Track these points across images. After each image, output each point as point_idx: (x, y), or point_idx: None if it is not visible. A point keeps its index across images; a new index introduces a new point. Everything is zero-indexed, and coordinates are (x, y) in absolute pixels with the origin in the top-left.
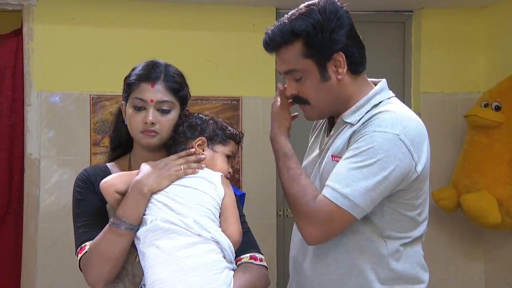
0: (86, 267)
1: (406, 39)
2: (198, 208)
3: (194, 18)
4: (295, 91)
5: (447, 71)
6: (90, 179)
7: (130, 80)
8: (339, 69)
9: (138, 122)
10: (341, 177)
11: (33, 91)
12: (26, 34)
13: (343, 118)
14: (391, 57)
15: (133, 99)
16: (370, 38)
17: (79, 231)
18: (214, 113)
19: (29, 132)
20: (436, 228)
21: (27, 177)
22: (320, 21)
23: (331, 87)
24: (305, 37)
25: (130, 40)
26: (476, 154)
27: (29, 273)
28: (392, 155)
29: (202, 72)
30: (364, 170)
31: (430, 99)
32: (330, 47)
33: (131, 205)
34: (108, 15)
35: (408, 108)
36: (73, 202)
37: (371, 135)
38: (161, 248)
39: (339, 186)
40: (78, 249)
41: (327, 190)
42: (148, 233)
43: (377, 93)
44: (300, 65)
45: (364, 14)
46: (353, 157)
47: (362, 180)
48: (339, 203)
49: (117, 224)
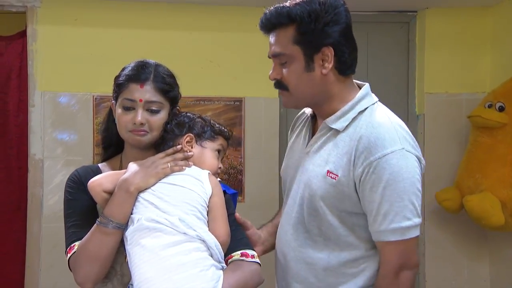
0: (75, 266)
1: (410, 39)
2: (184, 206)
3: (197, 19)
4: (278, 76)
5: (452, 71)
6: (81, 179)
7: (120, 80)
8: (325, 63)
9: (127, 121)
10: (390, 215)
11: (37, 92)
12: (30, 36)
13: (328, 123)
14: (395, 57)
15: (122, 100)
16: (374, 38)
17: (69, 231)
18: (216, 113)
19: (32, 132)
20: (440, 229)
21: (31, 177)
22: (317, 10)
23: (313, 80)
24: (298, 23)
25: (133, 41)
26: (480, 155)
27: (33, 273)
28: (412, 168)
29: (204, 73)
30: (403, 196)
31: (435, 100)
32: (321, 39)
33: (118, 204)
34: (111, 16)
35: (391, 112)
36: (64, 202)
37: (385, 160)
38: (146, 247)
39: (395, 225)
40: (67, 249)
41: (387, 234)
42: (135, 232)
43: (362, 98)
44: (288, 50)
45: (368, 15)
46: (384, 190)
47: (408, 204)
48: (406, 237)
49: (104, 223)
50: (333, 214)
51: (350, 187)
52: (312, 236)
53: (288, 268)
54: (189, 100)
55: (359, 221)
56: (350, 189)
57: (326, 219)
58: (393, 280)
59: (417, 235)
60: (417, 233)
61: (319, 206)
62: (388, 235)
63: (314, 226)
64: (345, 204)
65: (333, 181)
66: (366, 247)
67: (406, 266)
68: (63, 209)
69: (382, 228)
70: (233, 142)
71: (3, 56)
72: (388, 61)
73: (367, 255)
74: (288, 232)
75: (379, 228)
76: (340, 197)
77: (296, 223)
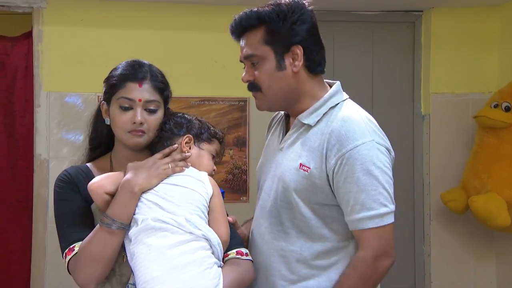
0: (77, 268)
1: (416, 39)
2: (188, 206)
3: (202, 19)
4: (251, 78)
5: (458, 71)
6: (73, 179)
7: (114, 79)
8: (295, 62)
9: (125, 122)
10: (367, 203)
11: (43, 92)
12: (36, 36)
13: (300, 119)
14: (401, 57)
15: (120, 99)
16: (379, 38)
17: (65, 231)
18: (221, 113)
19: (38, 133)
20: (446, 230)
21: (36, 177)
22: (284, 11)
23: (285, 78)
24: (267, 23)
25: (138, 41)
26: (486, 155)
27: (39, 272)
28: (382, 158)
29: (209, 73)
30: (377, 183)
31: (440, 100)
32: (289, 38)
33: (123, 204)
34: (116, 16)
35: (360, 108)
36: (56, 203)
37: (356, 151)
38: (152, 247)
39: (373, 212)
40: (66, 250)
41: (366, 222)
42: (140, 233)
43: (333, 95)
44: (259, 50)
45: (374, 14)
46: (358, 180)
47: (383, 191)
48: (383, 223)
49: (109, 224)
50: (306, 206)
51: (323, 179)
52: (285, 229)
53: (263, 261)
54: (194, 100)
55: (331, 213)
56: (322, 181)
57: (299, 211)
58: (371, 263)
59: (393, 222)
60: (393, 220)
61: (292, 198)
62: (367, 222)
63: (287, 219)
64: (317, 196)
65: (305, 174)
66: (338, 238)
67: (386, 254)
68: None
69: (360, 216)
70: (237, 142)
71: (9, 56)
72: (393, 61)
73: (339, 246)
74: (262, 226)
75: (357, 216)
76: (312, 189)
77: (270, 217)
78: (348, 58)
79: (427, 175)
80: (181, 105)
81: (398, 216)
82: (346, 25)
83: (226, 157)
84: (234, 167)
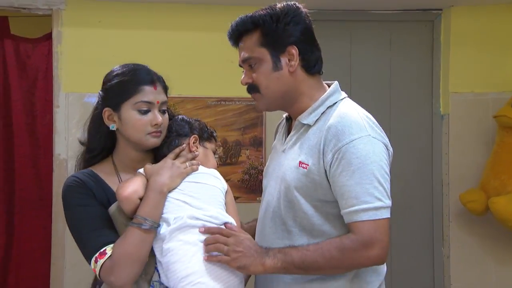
0: (115, 270)
1: (435, 38)
2: (213, 202)
3: (218, 19)
4: (250, 80)
5: (478, 70)
6: (85, 184)
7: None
8: (291, 62)
9: (145, 124)
10: (361, 196)
11: (61, 93)
12: (55, 38)
13: (300, 120)
14: (419, 56)
15: (138, 103)
16: (397, 37)
17: (91, 236)
18: (237, 114)
19: (57, 133)
20: (466, 232)
21: (56, 177)
22: (277, 13)
23: (282, 78)
24: (262, 26)
25: (156, 42)
26: (506, 155)
27: (58, 270)
28: (379, 153)
29: (225, 73)
30: (372, 178)
31: (460, 100)
32: (284, 38)
33: (154, 204)
34: (134, 18)
35: (358, 106)
36: (72, 209)
37: (353, 145)
38: (190, 243)
39: (368, 205)
40: (96, 254)
41: (360, 214)
42: (175, 230)
43: (331, 95)
44: (255, 53)
45: (392, 13)
46: (354, 174)
47: (378, 186)
48: (378, 217)
49: (143, 224)
50: (307, 203)
51: (321, 175)
52: (288, 228)
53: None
54: (210, 100)
55: (333, 210)
56: (321, 177)
57: (301, 209)
58: (357, 246)
59: (388, 217)
60: (388, 215)
61: (293, 196)
62: (361, 214)
63: (290, 218)
64: (318, 193)
65: (305, 171)
66: (340, 235)
67: (377, 245)
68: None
69: (355, 208)
70: (254, 143)
71: (30, 58)
72: (412, 61)
73: None
74: (267, 226)
75: (351, 209)
76: (312, 186)
77: (274, 217)
78: (366, 58)
79: (446, 176)
80: (198, 105)
81: (416, 217)
82: (363, 25)
83: (243, 157)
84: (251, 167)
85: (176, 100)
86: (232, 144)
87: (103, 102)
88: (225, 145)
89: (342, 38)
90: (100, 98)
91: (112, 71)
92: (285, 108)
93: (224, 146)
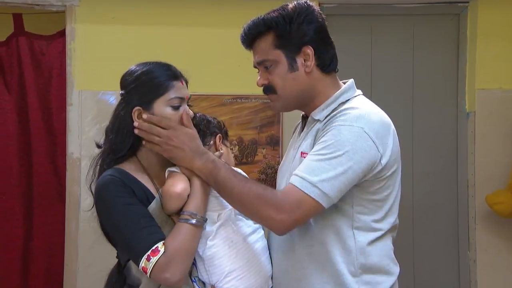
0: (171, 266)
1: (461, 32)
2: None
3: (234, 15)
4: (266, 81)
5: (506, 65)
6: (125, 183)
7: (158, 82)
8: (307, 62)
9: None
10: (310, 168)
11: (75, 90)
12: (69, 35)
13: (313, 116)
14: (444, 51)
15: (173, 99)
16: (421, 31)
17: (141, 234)
18: (254, 112)
19: (70, 131)
20: (493, 235)
21: (69, 176)
22: (290, 13)
23: (299, 79)
24: (275, 28)
25: (170, 38)
26: None
27: (71, 272)
28: (359, 147)
29: (241, 71)
30: (333, 161)
31: (487, 96)
32: (299, 39)
33: (202, 200)
34: (148, 14)
35: (373, 104)
36: (118, 208)
37: (338, 129)
38: (234, 238)
39: (308, 176)
40: (149, 252)
41: (296, 178)
42: (220, 226)
43: (345, 91)
44: (271, 55)
45: (415, 7)
46: (321, 150)
47: (331, 170)
48: (308, 191)
49: (193, 220)
50: None
51: None
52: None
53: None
54: (227, 98)
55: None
56: None
57: None
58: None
59: (320, 206)
60: (321, 203)
61: None
62: (297, 180)
63: None
64: None
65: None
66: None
67: (291, 213)
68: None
69: (297, 173)
70: (270, 141)
71: (44, 55)
72: (436, 56)
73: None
74: None
75: (295, 172)
76: None
77: None
78: (388, 53)
79: (472, 176)
80: (214, 103)
81: (441, 220)
82: (385, 19)
83: (259, 156)
84: (267, 167)
85: (191, 98)
86: (248, 143)
87: (131, 101)
88: (241, 144)
89: (362, 32)
90: (126, 98)
91: (134, 70)
92: (301, 107)
93: (240, 145)
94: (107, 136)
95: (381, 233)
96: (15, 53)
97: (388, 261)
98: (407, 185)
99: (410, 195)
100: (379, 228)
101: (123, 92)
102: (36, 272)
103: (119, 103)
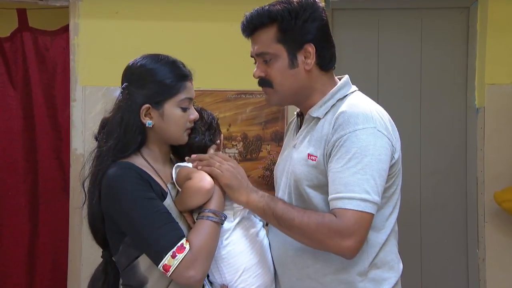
0: (196, 264)
1: (471, 26)
2: None
3: (238, 10)
4: (262, 74)
5: None
6: (142, 177)
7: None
8: (308, 60)
9: (185, 121)
10: (350, 185)
11: (78, 86)
12: (72, 30)
13: (310, 113)
14: (453, 45)
15: (183, 100)
16: (429, 25)
17: (164, 230)
18: (258, 107)
19: (74, 127)
20: (503, 233)
21: (72, 172)
22: (296, 8)
23: (297, 75)
24: (280, 22)
25: (174, 33)
26: None
27: (75, 268)
28: (379, 146)
29: (245, 66)
30: (366, 169)
31: (497, 91)
32: (302, 36)
33: (221, 199)
34: (152, 9)
35: (370, 99)
36: (138, 202)
37: (355, 135)
38: (250, 236)
39: (353, 194)
40: (174, 248)
41: (344, 202)
42: (237, 224)
43: (341, 88)
44: (272, 48)
45: (424, 0)
46: (349, 162)
47: (369, 179)
48: (362, 208)
49: (215, 217)
50: (317, 196)
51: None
52: None
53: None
54: (231, 93)
55: None
56: (326, 167)
57: (311, 202)
58: (336, 233)
59: (373, 214)
60: (373, 212)
61: (303, 189)
62: (346, 202)
63: None
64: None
65: (314, 163)
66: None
67: (355, 235)
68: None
69: (341, 195)
70: (275, 137)
71: (49, 51)
72: (444, 50)
73: None
74: None
75: (338, 195)
76: (322, 178)
77: None
78: (395, 47)
79: (481, 173)
80: (217, 98)
81: (449, 217)
82: (392, 12)
83: (263, 152)
84: (272, 163)
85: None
86: (252, 139)
87: (138, 97)
88: (245, 140)
89: (369, 26)
90: (132, 92)
91: (142, 64)
92: (297, 104)
93: (244, 141)
94: (111, 131)
95: (389, 229)
96: (19, 48)
97: (393, 257)
98: (414, 182)
99: (418, 192)
100: (387, 225)
101: (127, 85)
102: (42, 268)
103: (124, 97)
